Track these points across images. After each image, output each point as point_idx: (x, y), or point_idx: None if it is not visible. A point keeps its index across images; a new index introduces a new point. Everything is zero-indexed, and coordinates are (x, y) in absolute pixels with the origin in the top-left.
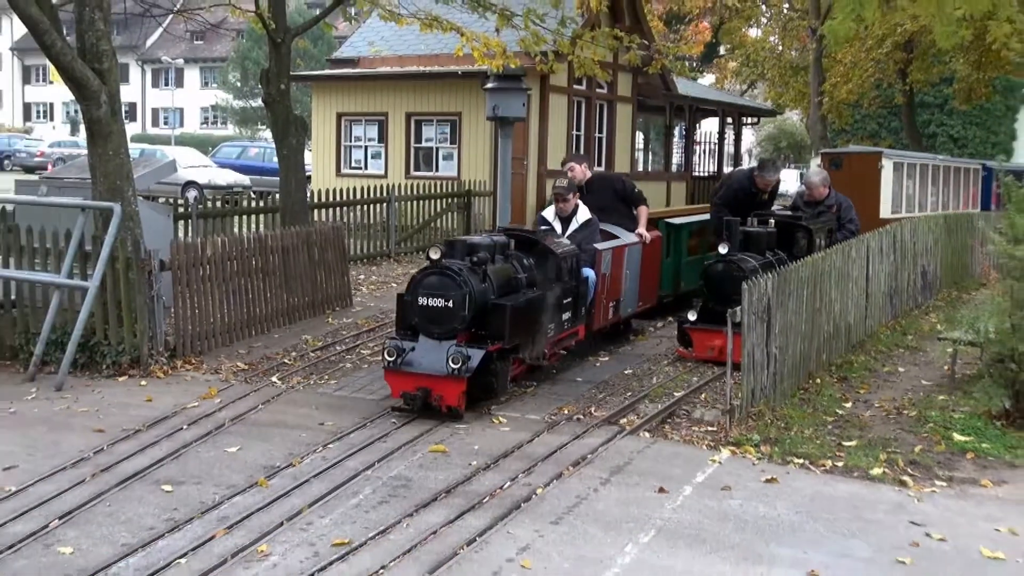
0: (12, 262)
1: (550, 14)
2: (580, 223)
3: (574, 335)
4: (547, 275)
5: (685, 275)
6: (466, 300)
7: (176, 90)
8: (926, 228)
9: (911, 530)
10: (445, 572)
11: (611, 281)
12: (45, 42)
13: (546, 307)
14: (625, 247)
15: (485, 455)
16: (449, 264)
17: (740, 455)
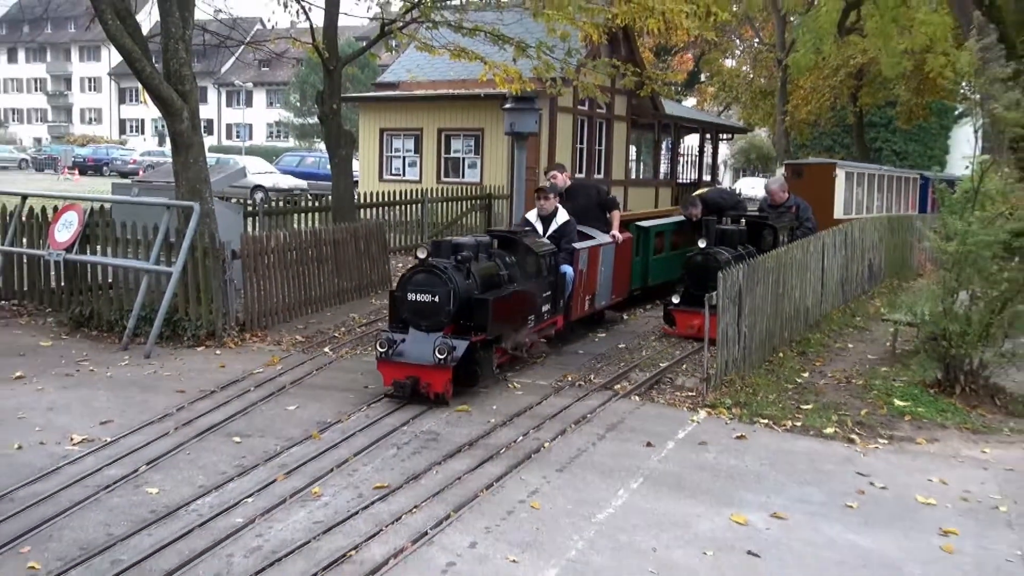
0: (109, 251)
1: (558, 46)
2: (559, 224)
3: (553, 325)
4: (527, 271)
5: (652, 271)
6: (451, 295)
7: (246, 109)
8: (872, 227)
9: (858, 480)
10: (467, 511)
11: (587, 277)
12: (137, 68)
13: (525, 300)
14: (600, 246)
15: (502, 414)
16: (435, 263)
17: (715, 416)
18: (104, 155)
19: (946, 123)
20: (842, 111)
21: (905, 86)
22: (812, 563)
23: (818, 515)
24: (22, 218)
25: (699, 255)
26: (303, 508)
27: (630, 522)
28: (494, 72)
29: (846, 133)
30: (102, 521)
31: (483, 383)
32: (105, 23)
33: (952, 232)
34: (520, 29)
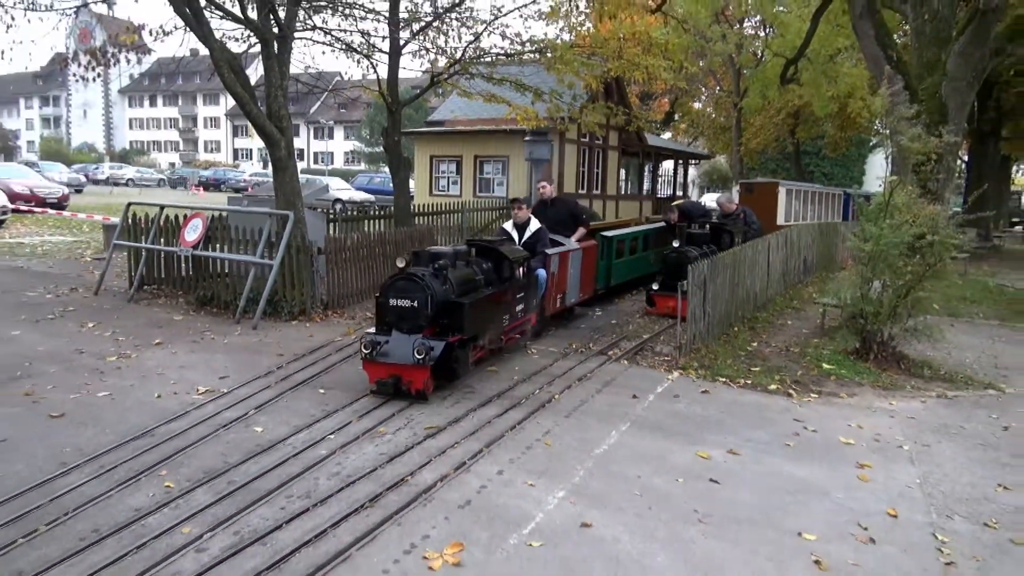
0: (225, 248)
1: (566, 92)
2: (532, 231)
3: (528, 322)
4: (503, 275)
5: (615, 273)
6: (428, 300)
7: (328, 141)
8: (807, 231)
9: (794, 425)
10: (496, 447)
11: (559, 278)
12: (246, 109)
13: (500, 302)
14: (569, 252)
15: (522, 373)
16: (415, 271)
17: (685, 376)
18: (222, 176)
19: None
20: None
21: (832, 123)
22: (760, 488)
23: (764, 452)
24: (160, 223)
25: (674, 252)
26: (372, 443)
27: (620, 456)
28: (517, 112)
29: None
30: (220, 452)
31: (462, 378)
32: (223, 76)
33: (868, 235)
34: (537, 79)
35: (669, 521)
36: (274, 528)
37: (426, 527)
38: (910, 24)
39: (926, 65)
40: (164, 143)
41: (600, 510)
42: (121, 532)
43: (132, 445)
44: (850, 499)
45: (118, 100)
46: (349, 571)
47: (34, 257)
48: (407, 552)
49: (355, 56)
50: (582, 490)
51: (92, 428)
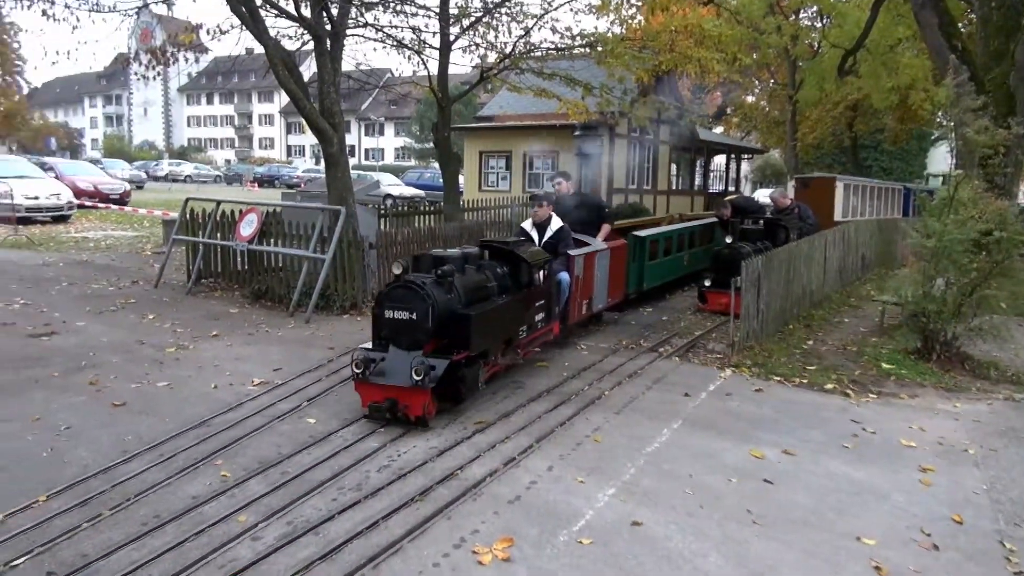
0: (280, 242)
1: (617, 86)
2: (554, 231)
3: (549, 332)
4: (519, 281)
5: (648, 276)
6: (429, 312)
7: (379, 137)
8: (865, 228)
9: (852, 425)
10: (546, 442)
11: (584, 282)
12: (300, 106)
13: (514, 312)
14: (595, 252)
15: (572, 369)
16: (414, 278)
17: (738, 373)
18: (275, 172)
19: (924, 146)
20: (840, 136)
21: (891, 116)
22: (815, 489)
23: (820, 452)
24: (217, 218)
25: (726, 248)
26: (421, 437)
27: (671, 454)
28: (567, 107)
29: (843, 153)
30: (274, 443)
31: (469, 400)
32: (277, 73)
33: (931, 231)
34: (587, 74)
35: (722, 521)
36: (327, 519)
37: (476, 521)
38: (976, 12)
39: (993, 55)
40: (220, 140)
41: (651, 508)
42: (180, 518)
43: (190, 434)
44: (912, 503)
45: (177, 98)
46: (400, 563)
47: (98, 251)
48: (457, 546)
49: (406, 52)
50: (632, 488)
51: (152, 417)
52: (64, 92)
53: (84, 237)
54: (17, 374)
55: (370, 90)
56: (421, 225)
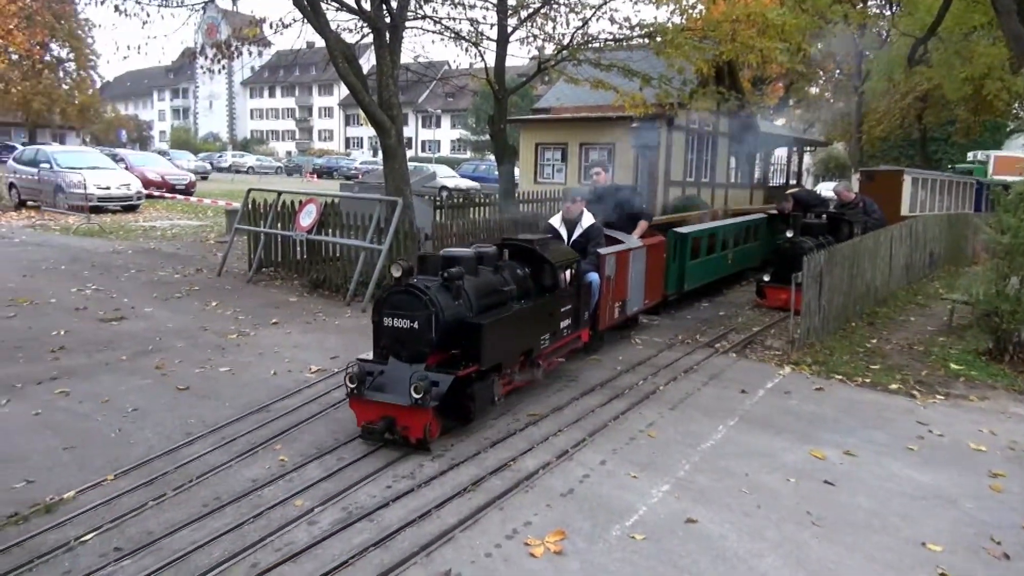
0: (337, 233)
1: (675, 77)
2: (584, 228)
3: (577, 339)
4: (543, 283)
5: (689, 276)
6: (433, 321)
7: (436, 129)
8: (934, 223)
9: (918, 427)
10: (599, 436)
11: (616, 283)
12: (359, 98)
13: (535, 319)
14: (629, 251)
15: (626, 363)
16: (417, 282)
17: (798, 371)
18: (334, 163)
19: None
20: (908, 128)
21: (964, 107)
22: (878, 492)
23: (884, 454)
24: (278, 209)
25: (787, 243)
26: (477, 429)
27: (727, 451)
28: (624, 99)
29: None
30: (330, 430)
31: (481, 419)
32: (337, 66)
33: (1006, 227)
34: (646, 65)
35: (779, 521)
36: (381, 505)
37: (528, 513)
38: None
39: None
40: (282, 132)
41: (706, 506)
42: (240, 501)
43: (250, 419)
44: (981, 510)
45: (240, 91)
46: (452, 552)
47: (164, 240)
48: (509, 537)
49: (463, 44)
50: (687, 485)
51: (214, 401)
52: (134, 86)
53: (152, 226)
54: (89, 357)
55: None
56: (476, 217)
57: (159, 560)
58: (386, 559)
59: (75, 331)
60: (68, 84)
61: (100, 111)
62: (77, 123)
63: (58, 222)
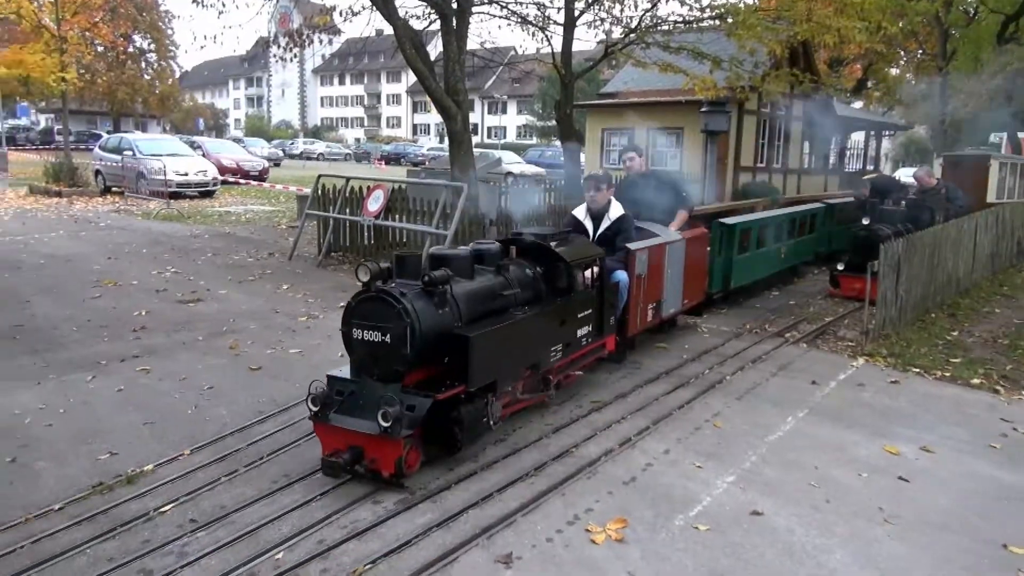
0: (404, 218)
1: (747, 60)
2: (612, 220)
3: (600, 348)
4: (556, 285)
5: (736, 272)
6: (408, 334)
7: (502, 115)
8: (1022, 210)
9: (1001, 424)
10: (663, 425)
11: (649, 282)
12: (426, 84)
13: (543, 327)
14: (665, 245)
15: (692, 351)
16: (391, 287)
17: (872, 363)
18: (401, 150)
19: None
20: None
21: None
22: (956, 490)
23: (963, 451)
24: (346, 194)
25: (863, 230)
26: (538, 415)
27: (796, 444)
28: (694, 82)
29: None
30: None
31: (467, 449)
32: (405, 52)
33: None
34: (716, 47)
35: (850, 517)
36: (443, 488)
37: (590, 500)
38: None
39: None
40: (351, 119)
41: (773, 499)
42: (307, 479)
43: None
44: None
45: (311, 80)
46: (513, 535)
47: (239, 224)
48: (570, 523)
49: (530, 29)
50: (753, 476)
51: (285, 381)
52: (211, 75)
53: (227, 211)
54: (168, 337)
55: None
56: (542, 203)
57: (231, 533)
58: (448, 540)
59: (155, 312)
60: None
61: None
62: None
63: (140, 207)
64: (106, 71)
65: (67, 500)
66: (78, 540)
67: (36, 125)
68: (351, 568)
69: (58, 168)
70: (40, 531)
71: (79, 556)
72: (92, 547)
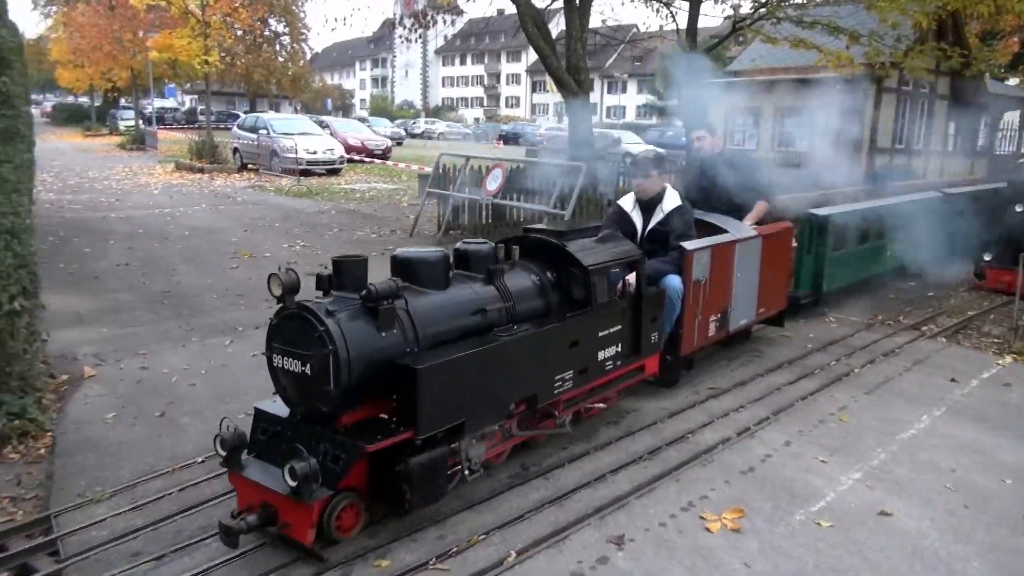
0: (522, 198)
1: (888, 34)
2: (667, 212)
3: (636, 372)
4: (571, 295)
5: (829, 273)
6: (331, 364)
7: (621, 94)
8: None
9: None
10: (784, 415)
11: (712, 289)
12: (547, 63)
13: (541, 352)
14: (734, 243)
15: (817, 342)
16: (315, 303)
17: (1020, 362)
18: (519, 129)
19: None
20: None
21: None
22: None
23: None
24: (466, 173)
25: (1018, 218)
26: (653, 398)
27: (931, 443)
28: (828, 58)
29: None
30: None
31: (417, 511)
32: (527, 31)
33: None
34: (853, 21)
35: (990, 525)
36: (557, 466)
37: (705, 488)
38: None
39: None
40: (470, 99)
41: (903, 499)
42: None
43: None
44: None
45: (433, 60)
46: (626, 517)
47: (363, 201)
48: (684, 509)
49: (654, 5)
50: (882, 475)
51: None
52: (339, 56)
53: (352, 188)
54: None
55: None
56: None
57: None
58: (561, 517)
59: None
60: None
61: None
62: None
63: (272, 183)
64: (244, 54)
65: (207, 454)
66: (217, 492)
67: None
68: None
69: (201, 146)
70: (185, 480)
71: (217, 507)
72: (228, 500)
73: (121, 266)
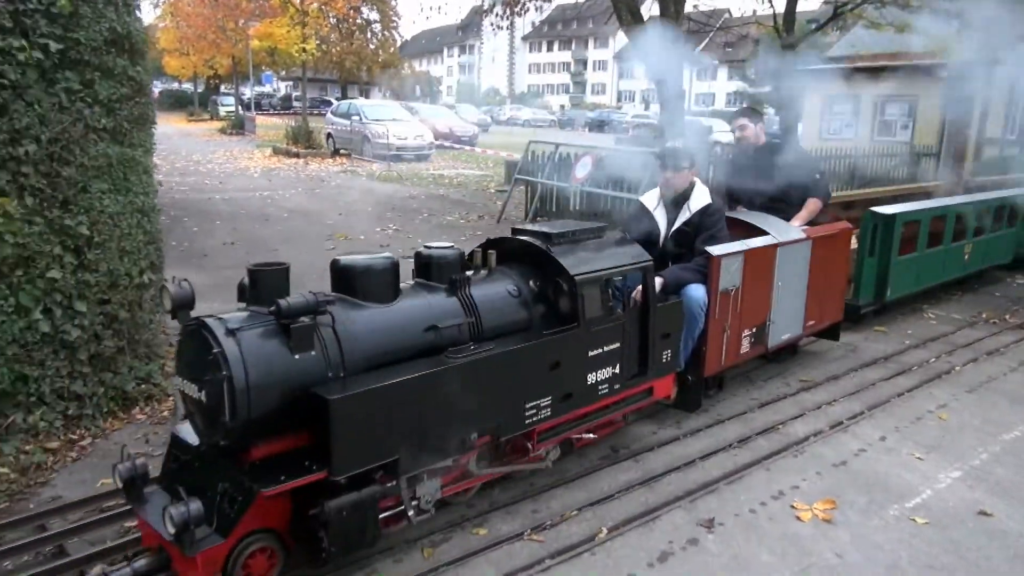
0: (611, 186)
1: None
2: (693, 212)
3: (642, 396)
4: (558, 309)
5: (896, 278)
6: (225, 391)
7: (711, 81)
8: None
9: None
10: (879, 411)
11: (744, 299)
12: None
13: (501, 378)
14: (774, 247)
15: (915, 338)
16: (214, 319)
17: None
18: (606, 117)
19: None
20: None
21: None
22: None
23: None
24: (555, 160)
25: None
26: (743, 388)
27: None
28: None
29: None
30: None
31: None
32: (620, 16)
33: None
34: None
35: None
36: (646, 450)
37: (795, 478)
38: None
39: None
40: (556, 86)
41: (1005, 501)
42: None
43: None
44: None
45: (520, 46)
46: (716, 502)
47: (451, 187)
48: (775, 497)
49: None
50: (983, 475)
51: None
52: (428, 44)
53: (440, 174)
54: None
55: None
56: None
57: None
58: (651, 499)
59: None
60: (374, 44)
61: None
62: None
63: (364, 168)
64: (338, 41)
65: None
66: None
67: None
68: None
69: (297, 131)
70: None
71: None
72: None
73: (227, 245)
